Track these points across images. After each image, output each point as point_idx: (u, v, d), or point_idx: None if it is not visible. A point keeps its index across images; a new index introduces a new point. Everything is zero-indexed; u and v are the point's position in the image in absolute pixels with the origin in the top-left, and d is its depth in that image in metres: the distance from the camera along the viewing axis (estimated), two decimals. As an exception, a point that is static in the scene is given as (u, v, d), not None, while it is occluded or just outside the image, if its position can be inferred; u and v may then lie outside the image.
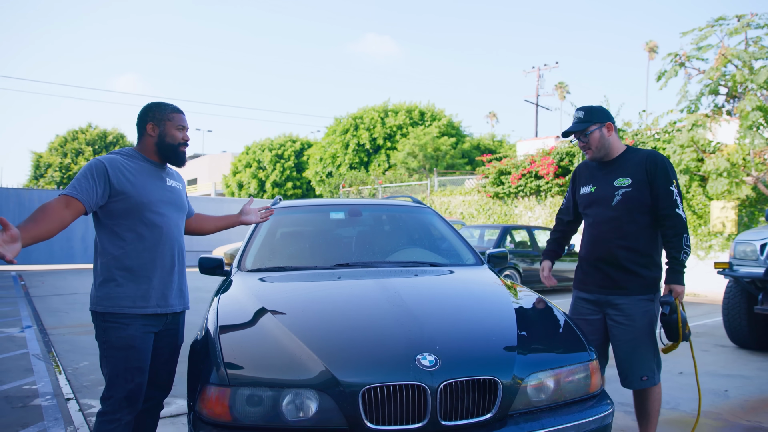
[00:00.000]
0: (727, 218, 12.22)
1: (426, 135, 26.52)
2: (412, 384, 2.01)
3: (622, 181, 2.94)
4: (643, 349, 2.90)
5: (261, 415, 2.02)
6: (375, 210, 4.31)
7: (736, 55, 9.58)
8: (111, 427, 2.38)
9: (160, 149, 2.58)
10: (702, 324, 8.02)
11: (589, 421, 2.24)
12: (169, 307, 2.55)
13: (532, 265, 11.31)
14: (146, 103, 2.63)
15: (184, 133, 2.63)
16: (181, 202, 2.69)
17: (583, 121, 2.99)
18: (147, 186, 2.50)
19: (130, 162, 2.51)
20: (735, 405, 4.13)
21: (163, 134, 2.57)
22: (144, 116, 2.59)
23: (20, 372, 5.03)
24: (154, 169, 2.59)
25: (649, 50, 52.55)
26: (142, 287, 2.45)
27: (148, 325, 2.47)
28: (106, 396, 2.40)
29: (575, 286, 3.19)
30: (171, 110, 2.61)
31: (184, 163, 2.66)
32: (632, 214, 2.91)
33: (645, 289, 2.92)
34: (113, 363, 2.40)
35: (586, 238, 3.11)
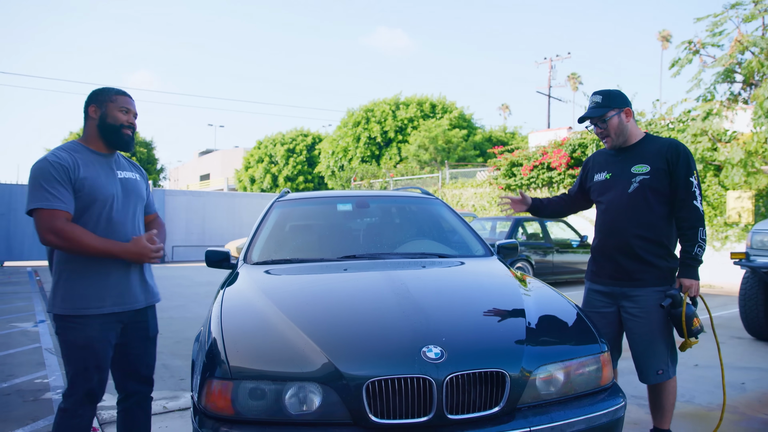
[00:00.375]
0: (744, 208, 12.02)
1: (437, 127, 26.40)
2: (417, 377, 1.96)
3: (640, 168, 2.84)
4: (658, 342, 2.83)
5: (264, 408, 1.99)
6: (382, 201, 4.26)
7: (752, 42, 9.37)
8: (74, 422, 2.37)
9: (102, 131, 2.45)
10: (718, 315, 7.89)
11: (600, 414, 2.18)
12: (128, 305, 2.49)
13: (544, 257, 11.21)
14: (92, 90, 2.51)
15: (129, 116, 2.50)
16: (137, 192, 2.58)
17: (601, 106, 2.88)
18: (98, 181, 2.40)
19: (78, 156, 2.40)
20: (752, 398, 4.05)
21: (104, 115, 2.45)
22: (88, 102, 2.48)
23: (32, 366, 5.06)
24: (103, 161, 2.48)
25: (662, 39, 51.87)
26: (97, 286, 2.38)
27: (107, 323, 2.41)
28: (68, 393, 2.38)
29: (588, 277, 3.11)
30: (115, 92, 2.50)
31: (129, 147, 2.51)
32: (649, 203, 2.82)
33: (661, 280, 2.84)
34: (74, 362, 2.37)
35: (600, 227, 3.02)
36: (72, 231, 2.26)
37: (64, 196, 2.28)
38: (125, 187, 2.52)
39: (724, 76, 9.96)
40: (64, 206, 2.27)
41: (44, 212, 2.24)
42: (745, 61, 9.69)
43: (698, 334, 2.77)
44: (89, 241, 2.28)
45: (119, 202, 2.47)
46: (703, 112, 10.48)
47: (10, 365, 5.09)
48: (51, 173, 2.28)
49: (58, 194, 2.26)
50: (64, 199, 2.28)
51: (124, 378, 2.60)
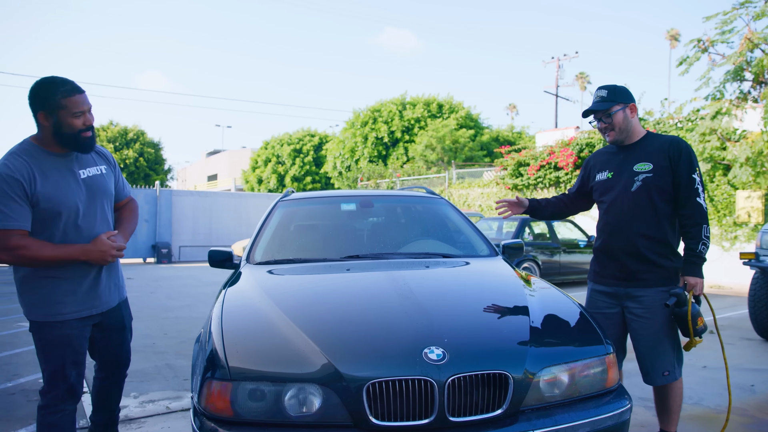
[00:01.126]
0: (753, 208, 11.89)
1: (444, 127, 26.34)
2: (418, 378, 1.93)
3: (643, 166, 2.80)
4: (664, 343, 2.79)
5: (263, 410, 1.96)
6: (387, 201, 4.23)
7: (763, 39, 9.27)
8: (56, 418, 2.37)
9: (59, 140, 2.29)
10: (727, 317, 7.81)
11: (606, 417, 2.14)
12: (103, 306, 2.52)
13: (551, 258, 11.14)
14: (33, 84, 2.25)
15: (85, 117, 2.30)
16: (103, 189, 2.46)
17: (607, 100, 2.85)
18: (61, 190, 2.29)
19: (35, 164, 2.25)
20: (762, 400, 3.99)
21: (58, 124, 2.25)
22: (33, 105, 2.25)
23: (37, 366, 5.04)
24: (62, 162, 2.34)
25: (670, 38, 51.55)
26: (70, 293, 2.37)
27: (83, 322, 2.43)
28: (47, 390, 2.37)
29: (591, 278, 3.07)
30: (62, 95, 2.23)
31: (90, 149, 2.38)
32: (653, 201, 2.78)
33: (665, 280, 2.79)
34: (52, 360, 2.36)
35: (603, 226, 2.97)
36: (26, 247, 2.19)
37: (16, 213, 2.17)
38: (89, 187, 2.40)
39: (733, 75, 9.85)
40: (18, 224, 2.18)
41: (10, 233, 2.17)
42: (755, 59, 9.58)
43: (703, 333, 2.72)
44: (46, 253, 2.22)
45: (85, 207, 2.37)
46: (712, 111, 10.38)
47: (15, 365, 5.10)
48: (4, 189, 2.16)
49: (10, 211, 2.16)
50: (17, 216, 2.18)
51: (105, 364, 2.69)
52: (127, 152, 33.72)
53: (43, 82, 2.25)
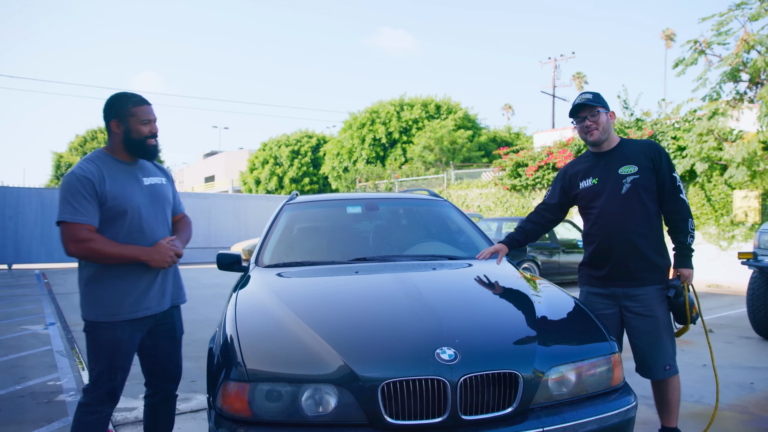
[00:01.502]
0: (750, 207, 11.98)
1: (442, 128, 26.41)
2: (431, 378, 1.99)
3: (628, 169, 2.93)
4: (664, 338, 2.91)
5: (280, 410, 2.02)
6: (392, 204, 4.29)
7: (758, 41, 9.35)
8: (93, 418, 2.45)
9: (128, 146, 2.52)
10: (726, 315, 7.88)
11: (612, 414, 2.20)
12: (159, 308, 2.58)
13: (551, 258, 11.22)
14: (108, 97, 2.53)
15: (151, 126, 2.54)
16: (163, 197, 2.65)
17: (593, 101, 2.99)
18: (126, 191, 2.47)
19: (105, 168, 2.46)
20: (761, 398, 4.05)
21: (128, 131, 2.49)
22: (107, 113, 2.51)
23: (45, 368, 5.11)
24: (129, 170, 2.55)
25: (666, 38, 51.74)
26: (131, 294, 2.47)
27: (136, 326, 2.51)
28: (91, 389, 2.46)
29: (585, 282, 3.13)
30: (133, 104, 2.50)
31: (154, 156, 2.61)
32: (643, 201, 2.91)
33: (660, 278, 2.94)
34: (101, 362, 2.44)
35: (598, 231, 3.01)
36: (92, 241, 2.34)
37: (87, 210, 2.35)
38: (152, 193, 2.59)
39: (730, 76, 9.94)
40: (86, 219, 2.35)
41: (68, 225, 2.34)
42: (751, 60, 9.66)
43: (697, 320, 2.94)
44: (110, 249, 2.36)
45: (147, 210, 2.53)
46: (708, 112, 10.46)
47: (23, 368, 5.14)
48: (76, 187, 2.35)
49: (81, 208, 2.34)
50: (87, 212, 2.35)
51: (152, 377, 2.69)
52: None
53: (116, 95, 2.52)
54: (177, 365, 2.76)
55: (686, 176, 12.86)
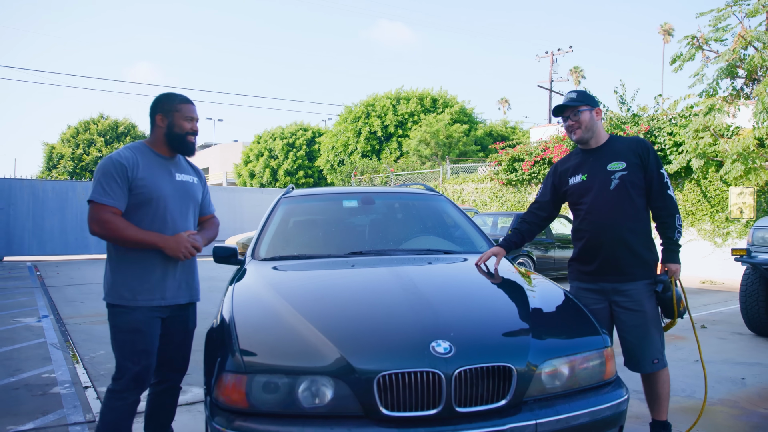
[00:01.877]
0: (745, 204, 12.04)
1: (438, 122, 26.39)
2: (426, 371, 2.01)
3: (617, 165, 2.97)
4: (652, 332, 2.95)
5: (277, 401, 2.03)
6: (388, 198, 4.30)
7: (756, 37, 9.36)
8: (118, 404, 2.52)
9: (169, 139, 2.67)
10: (719, 312, 7.94)
11: (604, 407, 2.23)
12: (174, 300, 2.66)
13: (546, 253, 11.26)
14: (157, 95, 2.71)
15: (193, 124, 2.70)
16: (191, 195, 2.77)
17: (576, 101, 3.05)
18: (157, 181, 2.60)
19: (141, 157, 2.60)
20: (752, 393, 4.10)
21: (171, 125, 2.65)
22: (154, 108, 2.69)
23: (39, 360, 5.11)
24: (164, 163, 2.69)
25: (664, 33, 51.71)
26: (147, 280, 2.56)
27: (154, 312, 2.59)
28: (117, 377, 2.55)
29: (574, 278, 3.16)
30: (179, 101, 2.69)
31: (192, 152, 2.75)
32: (631, 197, 2.95)
33: (648, 273, 2.97)
34: (122, 346, 2.54)
35: (587, 227, 3.04)
36: (114, 223, 2.45)
37: (114, 193, 2.48)
38: (182, 189, 2.71)
39: (726, 72, 9.95)
40: (113, 202, 2.47)
41: (95, 205, 2.47)
42: (748, 56, 9.68)
43: (684, 314, 2.98)
44: (129, 233, 2.47)
45: (174, 203, 2.64)
46: (705, 108, 10.48)
47: (17, 360, 5.14)
48: (109, 170, 2.49)
49: (110, 190, 2.47)
50: (114, 195, 2.48)
51: (159, 365, 2.73)
52: (118, 146, 33.59)
53: (164, 93, 2.73)
54: (185, 357, 2.84)
55: (682, 172, 12.91)
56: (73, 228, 18.60)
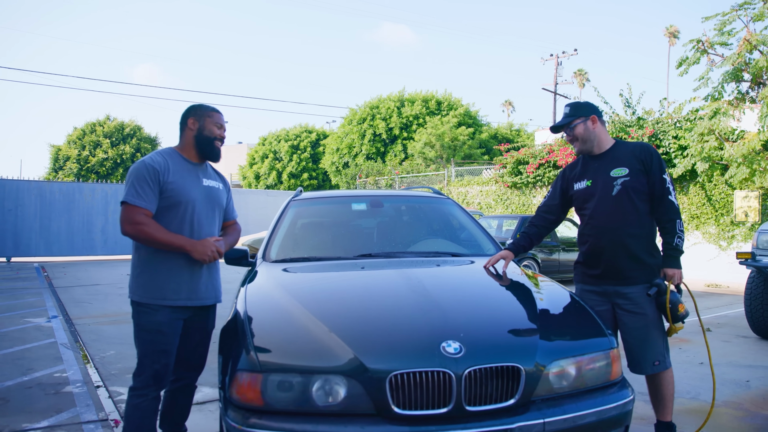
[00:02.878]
0: (750, 207, 12.04)
1: (443, 125, 26.44)
2: (437, 371, 2.06)
3: (619, 171, 3.04)
4: (653, 335, 3.00)
5: (292, 400, 2.08)
6: (396, 201, 4.35)
7: (761, 41, 9.38)
8: (139, 401, 2.60)
9: (198, 142, 2.78)
10: (724, 315, 7.96)
11: (610, 407, 2.27)
12: (198, 300, 2.74)
13: (550, 256, 11.29)
14: (190, 104, 2.86)
15: (221, 132, 2.83)
16: (217, 200, 2.86)
17: (568, 116, 3.14)
18: (185, 185, 2.70)
19: (171, 162, 2.71)
20: (756, 395, 4.13)
21: (201, 128, 2.78)
22: (186, 114, 2.82)
23: (50, 360, 5.18)
24: (192, 168, 2.80)
25: (669, 35, 51.69)
26: (174, 280, 2.64)
27: (176, 313, 2.66)
28: (137, 373, 2.63)
29: (579, 280, 3.24)
30: (211, 109, 2.84)
31: (219, 157, 2.84)
32: (633, 202, 3.00)
33: (650, 276, 3.01)
34: (143, 344, 2.62)
35: (590, 231, 3.11)
36: (145, 224, 2.54)
37: (147, 195, 2.59)
38: (208, 194, 2.80)
39: (732, 75, 9.97)
40: (145, 204, 2.58)
41: (128, 206, 2.57)
42: (753, 60, 9.70)
43: (684, 318, 2.96)
44: (160, 235, 2.56)
45: (201, 206, 2.74)
46: (710, 111, 10.50)
47: (29, 359, 5.21)
48: (143, 174, 2.60)
49: (143, 193, 2.58)
50: (146, 197, 2.58)
51: (176, 364, 2.79)
52: (124, 147, 33.73)
53: (198, 103, 2.87)
54: (202, 356, 2.91)
55: (687, 176, 12.92)
56: (79, 229, 18.73)
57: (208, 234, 2.78)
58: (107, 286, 11.08)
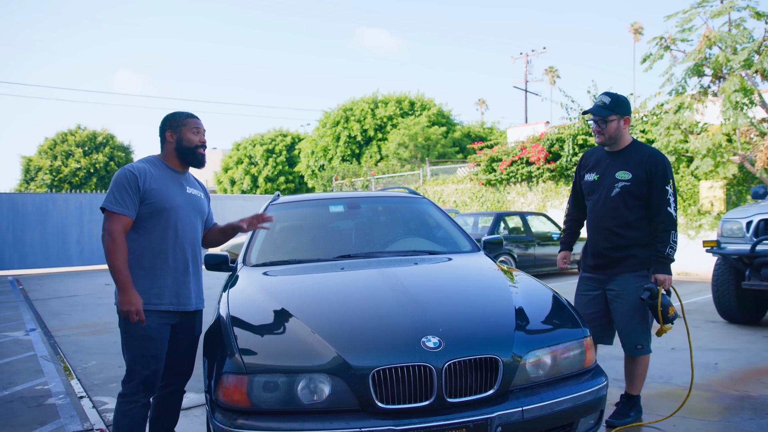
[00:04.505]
0: (716, 197, 12.42)
1: (416, 125, 26.59)
2: (418, 365, 2.15)
3: (623, 175, 3.19)
4: (636, 320, 3.23)
5: (277, 399, 2.15)
6: (373, 202, 4.43)
7: (719, 38, 9.70)
8: (129, 408, 2.61)
9: (179, 153, 2.80)
10: (693, 301, 8.21)
11: (585, 393, 2.39)
12: (182, 306, 2.76)
13: (526, 251, 11.46)
14: (165, 115, 2.86)
15: (201, 136, 2.83)
16: (200, 208, 2.89)
17: (607, 108, 3.20)
18: (169, 192, 2.71)
19: (154, 169, 2.73)
20: (724, 377, 4.30)
21: (180, 139, 2.79)
22: (163, 126, 2.83)
23: (31, 373, 5.13)
24: (175, 176, 2.82)
25: (634, 32, 52.68)
26: (157, 285, 2.65)
27: (164, 318, 2.68)
28: (127, 380, 2.63)
29: (581, 268, 3.51)
30: (185, 116, 2.83)
31: (203, 164, 2.86)
32: (628, 206, 3.19)
33: (639, 266, 3.23)
34: (132, 351, 2.62)
35: (588, 224, 3.41)
36: (114, 241, 2.52)
37: (126, 202, 2.59)
38: (191, 202, 2.82)
39: (694, 71, 10.27)
40: (122, 210, 2.58)
41: (107, 212, 2.59)
42: (713, 56, 10.02)
43: (674, 320, 3.19)
44: (118, 261, 2.51)
45: (184, 213, 2.75)
46: (674, 106, 10.81)
47: (8, 373, 5.15)
48: (122, 181, 2.61)
49: (121, 199, 2.59)
50: (125, 204, 2.59)
51: (165, 369, 2.80)
52: (97, 156, 33.15)
53: (171, 112, 2.86)
54: (191, 361, 2.93)
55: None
56: (54, 241, 18.39)
57: (191, 241, 2.80)
58: (85, 296, 10.94)
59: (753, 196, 6.52)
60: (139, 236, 2.65)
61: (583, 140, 15.02)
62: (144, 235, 2.66)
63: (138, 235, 2.65)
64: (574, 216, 3.61)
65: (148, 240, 2.66)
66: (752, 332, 5.93)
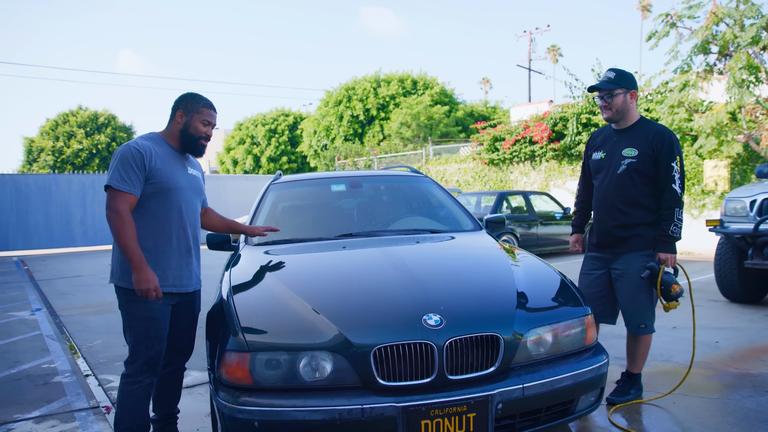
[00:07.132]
0: (720, 176, 12.35)
1: (419, 104, 26.42)
2: (420, 342, 2.16)
3: (630, 152, 3.17)
4: (640, 299, 3.22)
5: (280, 377, 2.17)
6: (375, 181, 4.42)
7: (727, 13, 9.57)
8: (133, 388, 2.62)
9: (183, 138, 2.75)
10: (696, 281, 8.22)
11: (586, 371, 2.40)
12: (183, 287, 2.76)
13: (528, 230, 11.46)
14: (184, 93, 2.80)
15: (208, 129, 2.79)
16: (200, 189, 2.89)
17: (612, 82, 3.18)
18: (174, 172, 2.69)
19: (158, 148, 2.68)
20: (725, 355, 4.32)
21: (188, 124, 2.74)
22: (178, 103, 2.77)
23: (37, 352, 5.19)
24: (178, 156, 2.78)
25: (642, 9, 51.92)
26: (160, 266, 2.64)
27: (165, 298, 2.67)
28: (130, 361, 2.63)
29: (588, 248, 3.52)
30: (203, 104, 2.77)
31: (202, 155, 2.82)
32: (634, 183, 3.17)
33: (644, 245, 3.22)
34: (136, 332, 2.61)
35: (595, 202, 3.39)
36: (121, 218, 2.48)
37: (131, 180, 2.54)
38: (192, 182, 2.81)
39: (700, 48, 10.15)
40: (129, 188, 2.53)
41: (112, 191, 2.52)
42: (720, 32, 9.88)
43: (678, 297, 3.16)
44: (126, 240, 2.47)
45: (187, 194, 2.74)
46: (680, 84, 10.70)
47: (15, 352, 5.21)
48: (127, 158, 2.55)
49: (127, 177, 2.53)
50: (131, 182, 2.54)
51: (166, 349, 2.81)
52: (99, 137, 33.13)
53: (192, 93, 2.80)
54: (191, 340, 2.93)
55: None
56: (58, 221, 18.48)
57: (193, 221, 2.79)
58: (89, 276, 11.01)
59: (757, 175, 6.47)
60: (140, 216, 2.60)
61: (587, 119, 14.90)
62: (146, 215, 2.62)
63: (140, 215, 2.60)
64: (584, 197, 3.59)
65: (152, 221, 2.63)
66: (754, 311, 5.95)
